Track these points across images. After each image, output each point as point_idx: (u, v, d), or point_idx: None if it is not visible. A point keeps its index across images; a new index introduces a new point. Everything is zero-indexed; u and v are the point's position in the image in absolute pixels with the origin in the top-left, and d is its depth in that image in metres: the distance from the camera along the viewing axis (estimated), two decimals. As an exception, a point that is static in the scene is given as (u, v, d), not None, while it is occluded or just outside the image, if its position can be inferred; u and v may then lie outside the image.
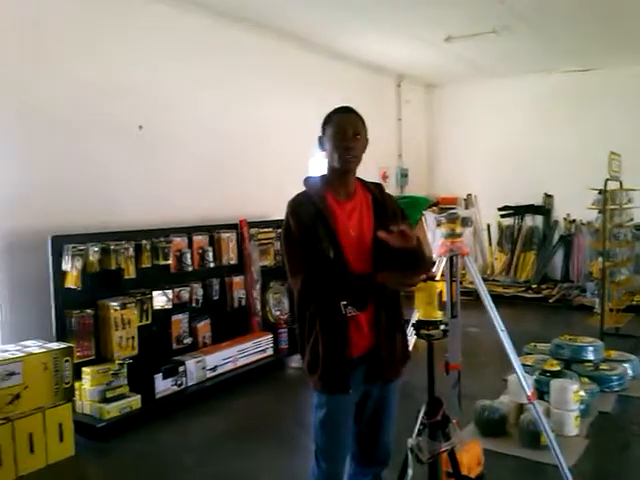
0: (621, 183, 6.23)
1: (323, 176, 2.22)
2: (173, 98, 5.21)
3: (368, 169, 2.20)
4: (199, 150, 5.43)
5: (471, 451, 3.15)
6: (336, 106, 2.22)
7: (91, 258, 4.18)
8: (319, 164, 6.64)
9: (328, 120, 2.17)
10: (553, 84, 8.49)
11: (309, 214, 2.07)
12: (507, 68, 8.24)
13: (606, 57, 7.65)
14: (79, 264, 4.10)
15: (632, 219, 6.63)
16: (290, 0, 5.34)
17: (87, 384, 4.08)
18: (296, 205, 2.12)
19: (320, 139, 2.21)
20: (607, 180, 5.85)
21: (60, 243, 4.08)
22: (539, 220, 8.88)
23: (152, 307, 4.59)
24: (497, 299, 7.22)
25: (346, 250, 2.07)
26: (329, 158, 2.16)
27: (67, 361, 3.77)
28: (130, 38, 4.84)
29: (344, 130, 2.10)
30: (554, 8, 5.61)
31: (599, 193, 6.03)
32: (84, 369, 4.10)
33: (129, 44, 4.84)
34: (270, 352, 5.37)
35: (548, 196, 8.76)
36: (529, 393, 2.99)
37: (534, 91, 8.64)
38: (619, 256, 6.22)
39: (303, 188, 2.21)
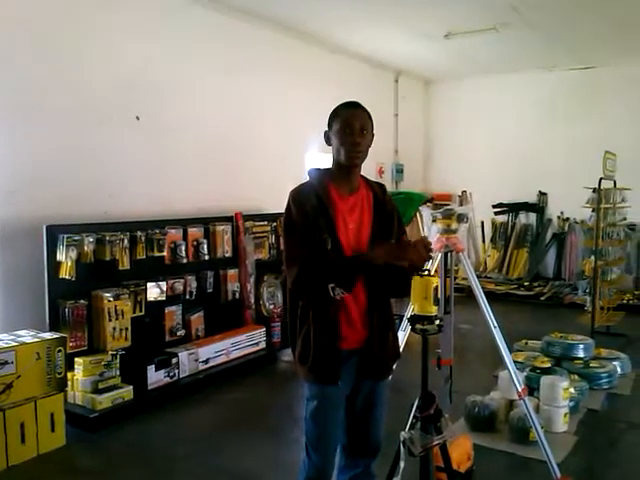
0: (615, 182, 6.27)
1: (327, 169, 2.23)
2: (171, 90, 5.19)
3: (364, 164, 2.21)
4: (196, 143, 5.42)
5: (461, 446, 3.17)
6: (335, 102, 2.23)
7: (86, 248, 4.17)
8: (316, 159, 6.65)
9: (335, 115, 2.17)
10: (552, 82, 8.52)
11: (311, 204, 2.08)
12: (506, 65, 8.24)
13: (607, 55, 7.66)
14: (74, 254, 4.09)
15: (625, 218, 6.68)
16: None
17: (79, 374, 4.08)
18: (299, 194, 2.13)
19: (326, 134, 2.22)
20: (601, 179, 5.88)
21: (55, 233, 4.07)
22: (533, 218, 8.93)
23: (146, 298, 4.59)
24: (489, 296, 7.23)
25: (344, 243, 2.10)
26: (335, 153, 2.16)
27: (60, 351, 3.77)
28: (128, 28, 4.82)
29: (351, 125, 2.11)
30: (555, 5, 5.62)
31: (593, 192, 6.07)
32: (77, 359, 4.10)
33: (128, 35, 4.81)
34: (263, 345, 5.38)
35: (542, 194, 8.80)
36: (520, 389, 3.02)
37: (533, 89, 8.66)
38: (611, 255, 6.27)
39: (299, 182, 2.22)
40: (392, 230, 2.22)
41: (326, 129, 2.22)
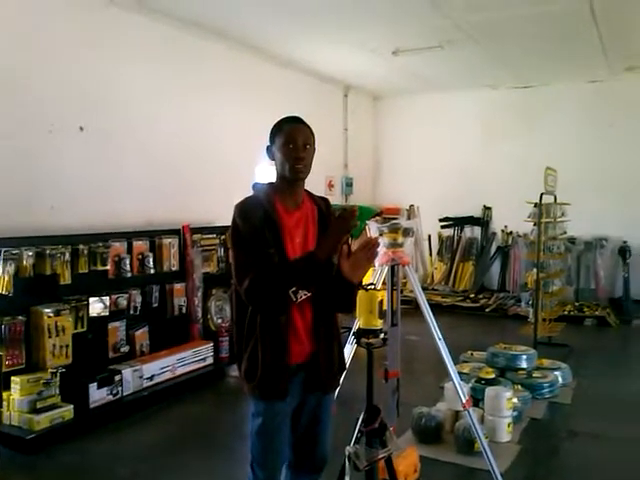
0: (555, 197, 6.49)
1: (272, 184, 2.22)
2: (118, 100, 5.08)
3: (314, 178, 2.22)
4: (143, 154, 5.32)
5: (408, 458, 3.19)
6: (284, 115, 2.23)
7: (25, 262, 4.02)
8: (265, 171, 6.64)
9: (278, 130, 2.17)
10: (497, 99, 8.79)
11: (257, 217, 2.08)
12: (453, 82, 8.46)
13: (547, 75, 7.96)
14: (11, 268, 3.94)
15: (565, 232, 6.92)
16: (242, 9, 5.33)
17: (16, 394, 3.91)
18: (245, 207, 2.12)
19: (269, 148, 2.21)
20: (542, 194, 6.08)
21: (-9, 246, 3.90)
22: (478, 231, 9.15)
23: (88, 314, 4.45)
24: (436, 308, 7.40)
25: (290, 257, 2.09)
26: (279, 167, 2.16)
27: (-5, 370, 3.61)
28: (75, 38, 4.71)
29: (295, 140, 2.12)
30: (498, 26, 5.81)
31: (535, 206, 6.26)
32: (13, 378, 3.93)
33: (75, 44, 4.70)
34: (210, 361, 5.30)
35: (487, 208, 9.04)
36: (464, 400, 3.06)
37: (478, 106, 8.92)
38: (552, 268, 6.47)
39: (249, 194, 2.21)
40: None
41: (268, 144, 2.21)
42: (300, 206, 2.20)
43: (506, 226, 8.87)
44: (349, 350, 2.90)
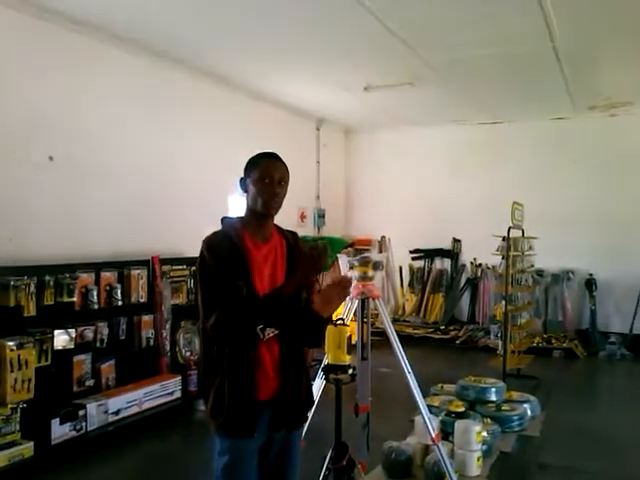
0: (523, 231, 6.62)
1: (241, 218, 2.23)
2: (88, 131, 5.05)
3: (287, 209, 2.23)
4: (112, 183, 5.27)
5: (378, 495, 3.16)
6: (257, 149, 2.25)
7: (-14, 294, 3.93)
8: (236, 203, 6.64)
9: (255, 164, 2.18)
10: (465, 135, 8.99)
11: (225, 251, 2.07)
12: (423, 118, 8.64)
13: (513, 111, 8.18)
14: (-27, 300, 3.84)
15: (533, 265, 7.05)
16: (212, 43, 5.40)
17: (-26, 431, 3.78)
18: (213, 241, 2.12)
19: (242, 181, 2.22)
20: (510, 228, 6.20)
21: (-48, 277, 3.81)
22: (448, 263, 9.25)
23: (52, 347, 4.32)
24: (407, 339, 7.41)
25: (259, 291, 2.08)
26: (251, 201, 2.17)
27: (-48, 406, 3.48)
28: (41, 67, 4.70)
29: (271, 176, 2.14)
30: (466, 64, 5.97)
31: (503, 240, 6.37)
32: (-28, 414, 3.80)
33: (40, 74, 4.68)
34: (178, 395, 5.19)
35: (456, 241, 9.16)
36: (434, 435, 3.06)
37: (447, 141, 9.11)
38: (520, 300, 6.55)
39: (219, 225, 2.22)
40: (308, 278, 2.20)
41: (242, 176, 2.22)
42: (269, 240, 2.21)
43: (475, 258, 8.98)
44: (318, 385, 2.88)
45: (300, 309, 2.10)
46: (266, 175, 2.13)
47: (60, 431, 4.15)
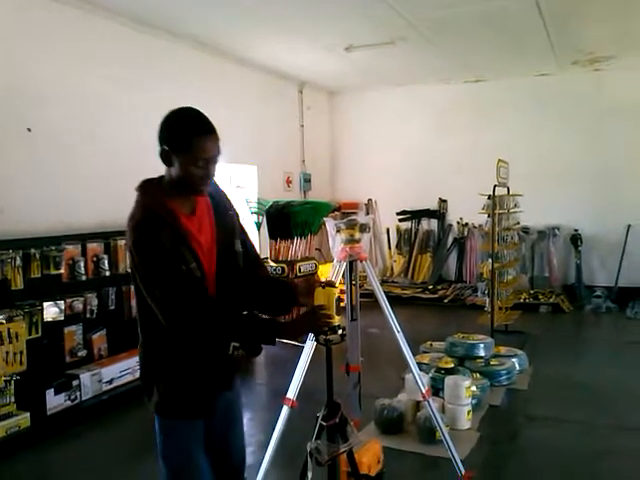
0: (508, 189, 6.64)
1: (160, 187, 1.97)
2: (68, 98, 4.97)
3: (273, 174, 2.19)
4: (94, 153, 5.20)
5: (371, 450, 3.23)
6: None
7: (-28, 268, 3.90)
8: (223, 169, 6.57)
9: (183, 143, 1.85)
10: (449, 93, 8.94)
11: (167, 236, 1.84)
12: (406, 77, 8.56)
13: (497, 69, 8.12)
14: (-41, 275, 3.81)
15: (518, 222, 7.10)
16: (193, 6, 5.26)
17: (-32, 404, 3.80)
18: (146, 226, 1.85)
19: (166, 153, 1.89)
20: (495, 186, 6.22)
21: (-64, 253, 3.77)
22: (434, 224, 9.29)
23: (42, 319, 4.33)
24: (396, 300, 7.49)
25: (205, 266, 1.94)
26: (178, 180, 1.90)
27: (-55, 380, 3.49)
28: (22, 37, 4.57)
29: (206, 158, 1.86)
30: (448, 21, 5.89)
31: (488, 198, 6.40)
32: (-35, 388, 3.82)
33: (17, 42, 4.57)
34: (171, 361, 5.23)
35: (443, 201, 9.18)
36: (424, 391, 3.12)
37: (432, 100, 9.05)
38: (507, 257, 6.62)
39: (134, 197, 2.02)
40: (234, 231, 2.09)
41: (165, 147, 1.88)
42: (196, 206, 1.99)
43: (461, 218, 9.03)
44: (309, 347, 2.91)
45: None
46: (201, 157, 1.84)
47: (55, 401, 4.19)
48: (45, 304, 4.36)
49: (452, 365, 4.57)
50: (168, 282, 1.83)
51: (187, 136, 1.85)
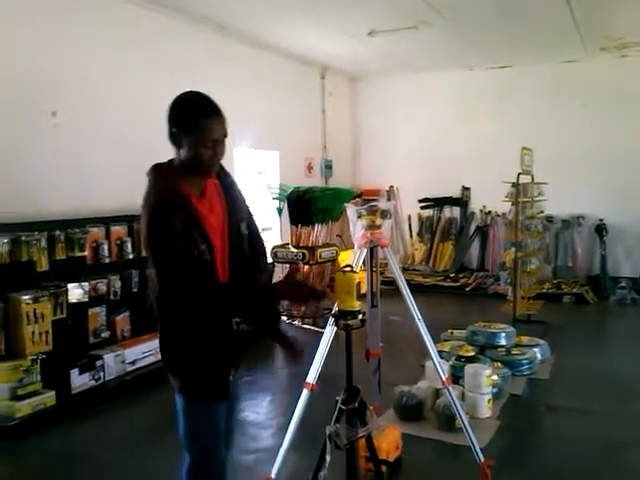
0: (533, 177, 6.55)
1: (172, 170, 2.02)
2: (93, 83, 5.00)
3: (294, 160, 2.20)
4: (118, 137, 5.24)
5: (390, 436, 3.24)
6: (189, 93, 2.06)
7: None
8: (245, 155, 6.58)
9: (192, 124, 1.92)
10: (473, 80, 8.81)
11: (180, 219, 1.88)
12: (429, 63, 8.45)
13: (522, 54, 7.97)
14: (-14, 256, 3.89)
15: (542, 211, 7.01)
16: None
17: (-4, 382, 3.89)
18: (161, 208, 1.89)
19: (176, 135, 1.96)
20: (519, 174, 6.13)
21: (-35, 234, 3.85)
22: (457, 212, 9.21)
23: (67, 300, 4.41)
24: (417, 288, 7.46)
25: (217, 248, 1.98)
26: (188, 160, 1.95)
27: (-27, 358, 3.58)
28: (41, 23, 4.61)
29: (215, 139, 1.93)
30: (472, 7, 5.80)
31: (512, 186, 6.32)
32: (-8, 366, 3.90)
33: (41, 29, 4.60)
34: (192, 344, 5.29)
35: (465, 188, 9.09)
36: (444, 378, 3.11)
37: (455, 86, 8.93)
38: (530, 246, 6.55)
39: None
40: (242, 213, 2.15)
41: (174, 129, 1.96)
42: (206, 188, 2.04)
43: (484, 206, 8.94)
44: (329, 332, 2.92)
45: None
46: (208, 138, 1.91)
47: (79, 381, 4.28)
48: (70, 285, 4.44)
49: (473, 353, 4.55)
50: (177, 268, 1.85)
51: (194, 117, 1.92)
